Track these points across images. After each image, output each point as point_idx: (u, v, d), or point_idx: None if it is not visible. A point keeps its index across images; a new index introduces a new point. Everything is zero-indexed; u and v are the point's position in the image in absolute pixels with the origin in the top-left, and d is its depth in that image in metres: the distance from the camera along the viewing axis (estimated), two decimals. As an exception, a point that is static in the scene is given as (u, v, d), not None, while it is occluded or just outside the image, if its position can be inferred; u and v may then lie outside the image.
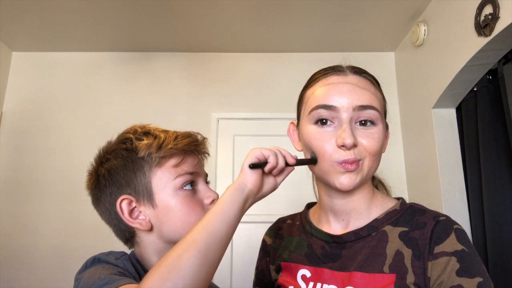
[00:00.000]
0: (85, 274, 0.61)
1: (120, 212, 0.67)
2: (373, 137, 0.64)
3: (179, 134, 0.72)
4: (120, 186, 0.68)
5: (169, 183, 0.67)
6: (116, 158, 0.69)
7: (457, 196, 1.92)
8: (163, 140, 0.68)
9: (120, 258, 0.65)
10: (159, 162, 0.67)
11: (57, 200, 2.31)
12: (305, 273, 0.70)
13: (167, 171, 0.68)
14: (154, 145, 0.67)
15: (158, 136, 0.70)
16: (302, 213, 0.82)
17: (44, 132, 2.43)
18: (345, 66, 0.71)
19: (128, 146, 0.69)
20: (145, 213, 0.68)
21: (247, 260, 2.24)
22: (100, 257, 0.64)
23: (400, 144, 2.39)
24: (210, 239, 0.52)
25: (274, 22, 2.22)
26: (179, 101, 2.48)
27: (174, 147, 0.68)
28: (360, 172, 0.64)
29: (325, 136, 0.65)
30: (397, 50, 2.51)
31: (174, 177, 0.67)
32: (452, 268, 0.59)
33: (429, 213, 0.67)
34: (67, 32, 2.32)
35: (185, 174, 0.68)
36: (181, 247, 0.51)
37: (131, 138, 0.70)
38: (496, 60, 1.67)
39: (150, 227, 0.68)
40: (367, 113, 0.65)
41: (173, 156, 0.68)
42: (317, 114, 0.66)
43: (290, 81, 2.44)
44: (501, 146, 1.70)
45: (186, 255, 0.49)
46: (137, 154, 0.67)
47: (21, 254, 2.24)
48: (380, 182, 0.80)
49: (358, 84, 0.67)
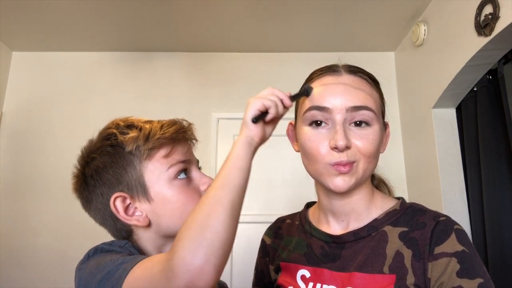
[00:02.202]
0: (90, 263, 0.59)
1: (115, 211, 0.64)
2: (367, 138, 0.64)
3: (165, 123, 0.69)
4: (111, 184, 0.65)
5: (163, 175, 0.65)
6: (102, 156, 0.66)
7: (457, 196, 1.92)
8: (149, 131, 0.66)
9: (124, 245, 0.63)
10: (148, 154, 0.65)
11: (57, 200, 2.31)
12: (305, 274, 0.70)
13: (158, 162, 0.65)
14: (140, 137, 0.65)
15: (143, 127, 0.67)
16: (301, 213, 0.82)
17: (44, 132, 2.42)
18: (341, 66, 0.70)
19: (113, 142, 0.66)
20: (141, 208, 0.65)
21: (247, 260, 2.23)
22: (103, 246, 0.62)
23: (400, 144, 2.39)
24: (231, 194, 0.52)
25: (274, 22, 2.22)
26: (179, 101, 2.48)
27: (161, 136, 0.65)
28: (355, 174, 0.64)
29: (318, 138, 0.65)
30: (397, 50, 2.51)
31: (166, 168, 0.65)
32: (453, 269, 0.58)
33: (429, 213, 0.66)
34: (67, 32, 2.32)
35: (178, 163, 0.66)
36: (207, 206, 0.50)
37: (114, 133, 0.67)
38: (496, 60, 1.67)
39: (148, 223, 0.65)
40: (361, 114, 0.64)
41: (162, 147, 0.66)
42: (311, 116, 0.66)
43: (290, 81, 2.42)
44: (501, 146, 1.69)
45: (215, 213, 0.49)
46: (124, 149, 0.65)
47: (21, 254, 2.24)
48: (382, 181, 0.80)
49: (352, 84, 0.66)
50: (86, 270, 0.58)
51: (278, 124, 0.67)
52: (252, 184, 2.47)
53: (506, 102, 1.61)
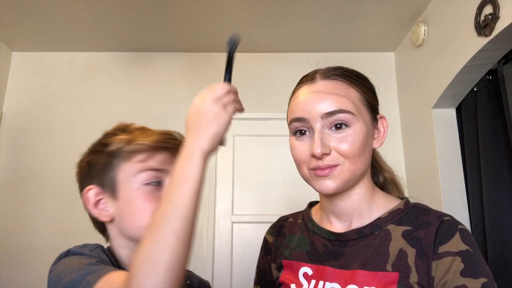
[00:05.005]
0: (60, 265, 0.62)
1: (85, 201, 0.70)
2: (346, 140, 0.65)
3: (154, 132, 0.73)
4: (91, 177, 0.71)
5: (134, 177, 0.68)
6: (93, 152, 0.72)
7: (457, 196, 1.92)
8: (134, 136, 0.71)
9: (94, 249, 0.67)
10: (127, 156, 0.69)
11: (57, 200, 2.31)
12: (307, 271, 0.70)
13: (133, 165, 0.69)
14: (125, 140, 0.70)
15: (133, 132, 0.72)
16: (304, 212, 0.82)
17: (44, 132, 2.43)
18: (317, 72, 0.71)
19: (104, 141, 0.72)
20: (109, 205, 0.70)
21: (247, 260, 2.24)
22: (74, 249, 0.66)
23: (400, 144, 2.39)
24: (188, 225, 0.53)
25: (274, 22, 2.22)
26: (178, 101, 2.48)
27: (142, 142, 0.69)
28: (339, 176, 0.65)
29: (301, 146, 0.68)
30: (397, 50, 2.51)
31: (138, 172, 0.68)
32: (457, 268, 0.59)
33: (433, 213, 0.67)
34: (67, 32, 2.32)
35: (149, 170, 0.68)
36: (161, 237, 0.51)
37: (109, 134, 0.73)
38: (496, 60, 1.67)
39: (109, 219, 0.69)
40: (337, 117, 0.65)
41: (141, 152, 0.69)
42: (293, 127, 0.69)
43: (290, 81, 2.42)
44: (501, 146, 1.70)
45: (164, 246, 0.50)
46: (109, 148, 0.70)
47: (21, 254, 2.24)
48: (392, 181, 0.80)
49: (325, 90, 0.67)
50: (55, 272, 0.61)
51: (278, 124, 0.67)
52: (252, 184, 2.49)
53: (506, 102, 1.61)
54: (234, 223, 2.32)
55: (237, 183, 2.38)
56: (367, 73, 0.75)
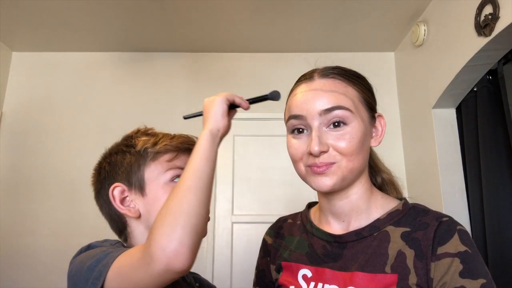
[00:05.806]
0: (82, 256, 0.64)
1: (112, 199, 0.72)
2: (344, 138, 0.64)
3: (177, 135, 0.79)
4: (116, 176, 0.74)
5: (161, 175, 0.73)
6: (117, 153, 0.76)
7: (457, 196, 1.92)
8: (160, 138, 0.76)
9: (115, 244, 0.70)
10: (153, 156, 0.74)
11: (57, 200, 2.31)
12: (306, 273, 0.70)
13: (160, 164, 0.74)
14: (150, 142, 0.75)
15: (156, 135, 0.78)
16: (303, 213, 0.82)
17: (44, 132, 2.42)
18: (315, 71, 0.71)
19: (129, 142, 0.77)
20: (136, 202, 0.73)
21: (247, 260, 2.24)
22: (95, 243, 0.68)
23: (400, 144, 2.39)
24: (200, 182, 0.59)
25: (274, 22, 2.22)
26: (178, 101, 2.48)
27: (168, 143, 0.75)
28: (336, 174, 0.65)
29: (299, 144, 0.68)
30: (397, 50, 2.51)
31: (165, 170, 0.73)
32: (455, 269, 0.59)
33: (432, 213, 0.66)
34: (67, 32, 2.32)
35: (176, 168, 0.74)
36: (178, 194, 0.57)
37: (132, 136, 0.78)
38: (496, 60, 1.67)
39: (138, 215, 0.72)
40: (335, 115, 0.65)
41: (167, 152, 0.75)
42: (291, 125, 0.70)
43: (290, 81, 2.42)
44: (501, 146, 1.70)
45: (185, 200, 0.56)
46: (134, 149, 0.75)
47: (21, 254, 2.24)
48: (390, 182, 0.79)
49: (323, 88, 0.67)
50: (77, 261, 0.64)
51: (278, 124, 0.68)
52: (252, 184, 2.48)
53: (506, 102, 1.61)
54: (234, 223, 2.32)
55: (237, 183, 2.38)
56: (367, 73, 0.75)
